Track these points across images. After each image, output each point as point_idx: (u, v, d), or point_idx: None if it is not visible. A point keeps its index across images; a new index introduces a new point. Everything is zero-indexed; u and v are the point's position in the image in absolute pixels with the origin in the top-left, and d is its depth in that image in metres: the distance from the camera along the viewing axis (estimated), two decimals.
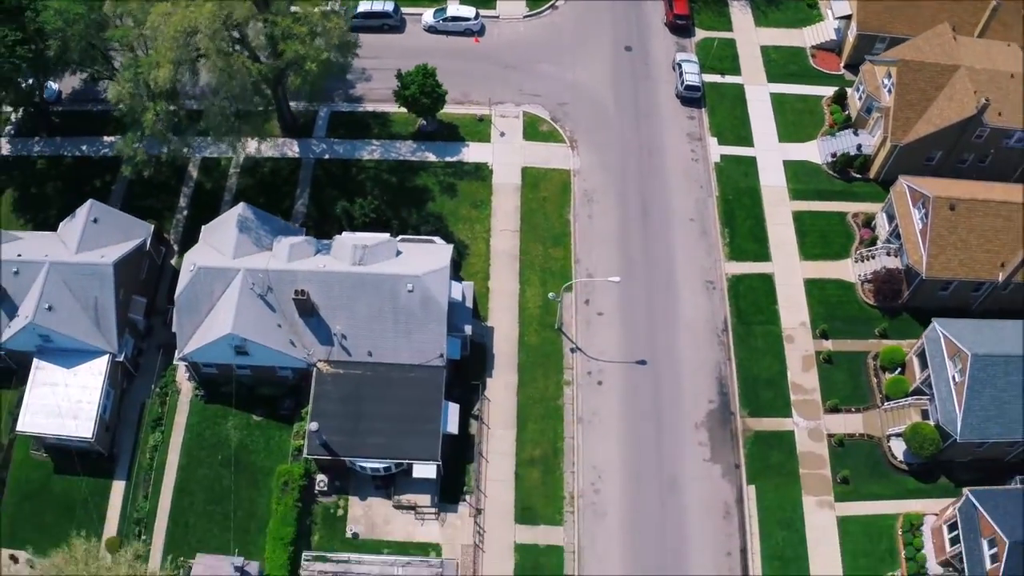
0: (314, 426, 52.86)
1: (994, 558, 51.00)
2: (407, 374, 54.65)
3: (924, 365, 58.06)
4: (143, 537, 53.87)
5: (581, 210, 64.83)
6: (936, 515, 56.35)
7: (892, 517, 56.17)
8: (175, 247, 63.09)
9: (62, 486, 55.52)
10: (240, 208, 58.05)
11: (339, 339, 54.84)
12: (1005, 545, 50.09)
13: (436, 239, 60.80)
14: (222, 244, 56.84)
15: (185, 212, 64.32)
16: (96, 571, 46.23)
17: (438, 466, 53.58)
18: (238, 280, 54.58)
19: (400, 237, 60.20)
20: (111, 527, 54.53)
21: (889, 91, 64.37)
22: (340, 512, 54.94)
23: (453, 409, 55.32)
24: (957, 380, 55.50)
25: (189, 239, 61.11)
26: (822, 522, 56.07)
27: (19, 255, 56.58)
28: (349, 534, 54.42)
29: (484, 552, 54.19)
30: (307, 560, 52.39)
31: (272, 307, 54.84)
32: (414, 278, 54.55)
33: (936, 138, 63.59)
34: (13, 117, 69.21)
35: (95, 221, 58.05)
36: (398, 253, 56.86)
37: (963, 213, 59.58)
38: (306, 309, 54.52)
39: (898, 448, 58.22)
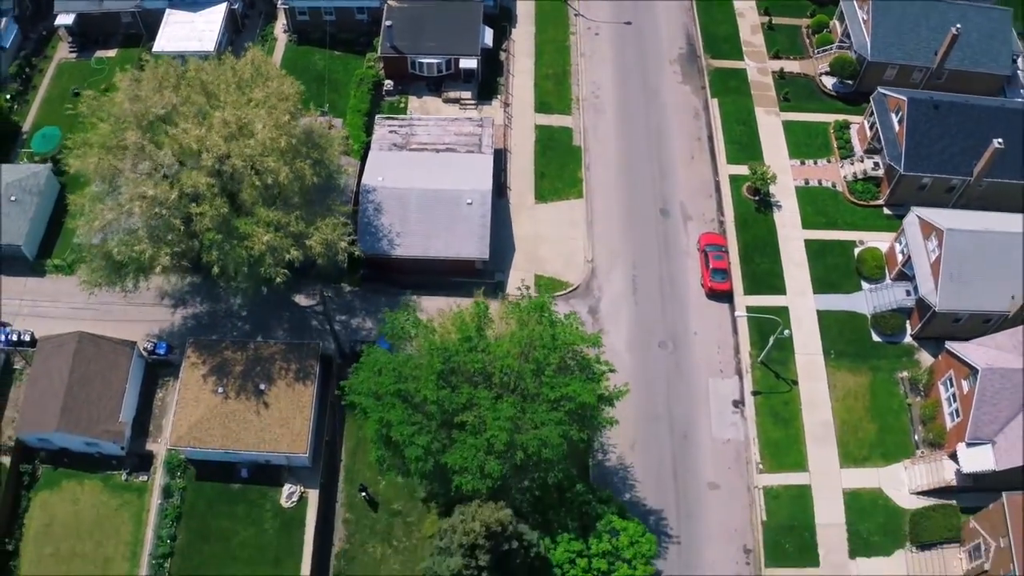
0: (388, 22, 70.43)
1: (900, 120, 67.77)
2: (458, 5, 72.95)
3: (842, 21, 76.49)
4: None
5: None
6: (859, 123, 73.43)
7: (825, 123, 72.99)
8: None
9: None
10: None
11: None
12: (905, 102, 67.06)
13: None
14: None
15: None
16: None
17: (478, 60, 70.86)
18: None
19: None
20: None
21: None
22: (402, 105, 71.92)
23: (488, 31, 73.20)
24: (865, 19, 73.80)
25: None
26: (770, 123, 72.92)
27: None
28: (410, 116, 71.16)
29: (512, 129, 70.85)
30: (380, 118, 68.65)
31: None
32: None
33: None
34: None
35: None
36: None
37: None
38: None
39: (828, 81, 75.59)
